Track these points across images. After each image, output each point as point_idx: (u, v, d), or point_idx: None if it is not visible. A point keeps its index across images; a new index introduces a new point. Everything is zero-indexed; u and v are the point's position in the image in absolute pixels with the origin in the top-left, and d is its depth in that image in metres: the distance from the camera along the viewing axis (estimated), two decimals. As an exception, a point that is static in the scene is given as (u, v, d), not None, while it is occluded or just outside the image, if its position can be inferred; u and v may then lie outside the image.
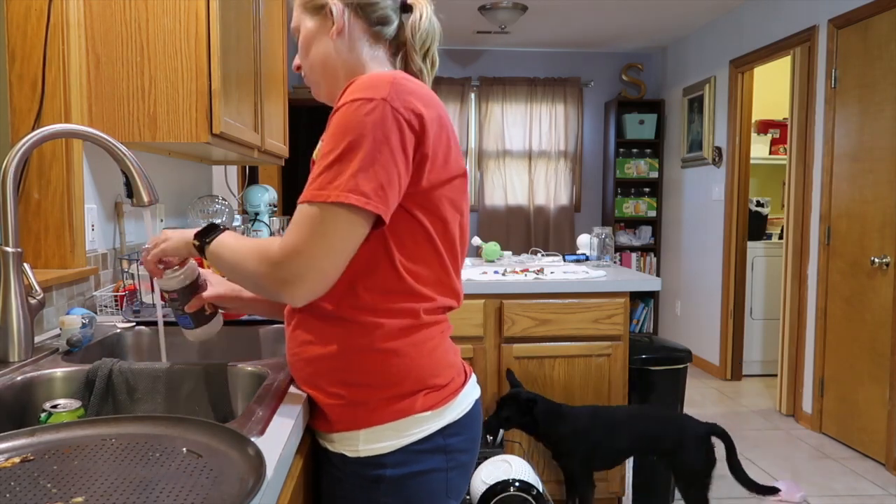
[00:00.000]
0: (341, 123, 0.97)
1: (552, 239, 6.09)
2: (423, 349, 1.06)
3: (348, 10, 1.12)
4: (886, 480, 3.18)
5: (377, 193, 0.95)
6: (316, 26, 1.14)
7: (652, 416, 2.44)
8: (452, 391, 1.09)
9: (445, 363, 1.09)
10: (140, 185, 1.23)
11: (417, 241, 1.04)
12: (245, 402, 1.23)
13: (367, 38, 1.13)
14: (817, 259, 3.86)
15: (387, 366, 1.03)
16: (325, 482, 1.11)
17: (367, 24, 1.13)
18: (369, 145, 0.95)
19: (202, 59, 1.70)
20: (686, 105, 5.49)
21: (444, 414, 1.07)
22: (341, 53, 1.13)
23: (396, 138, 0.96)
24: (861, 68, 3.51)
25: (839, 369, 3.67)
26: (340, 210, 0.94)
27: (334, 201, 0.94)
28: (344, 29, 1.12)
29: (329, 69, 1.14)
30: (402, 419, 1.04)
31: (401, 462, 1.04)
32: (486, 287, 2.59)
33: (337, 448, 1.07)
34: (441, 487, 1.08)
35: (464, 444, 1.10)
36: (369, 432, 1.04)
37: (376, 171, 0.95)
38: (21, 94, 1.62)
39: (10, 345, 1.26)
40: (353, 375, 1.04)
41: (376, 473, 1.04)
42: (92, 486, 0.73)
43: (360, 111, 0.96)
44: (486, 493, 2.19)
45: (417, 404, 1.04)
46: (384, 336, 1.03)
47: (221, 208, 2.44)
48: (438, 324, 1.09)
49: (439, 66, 1.20)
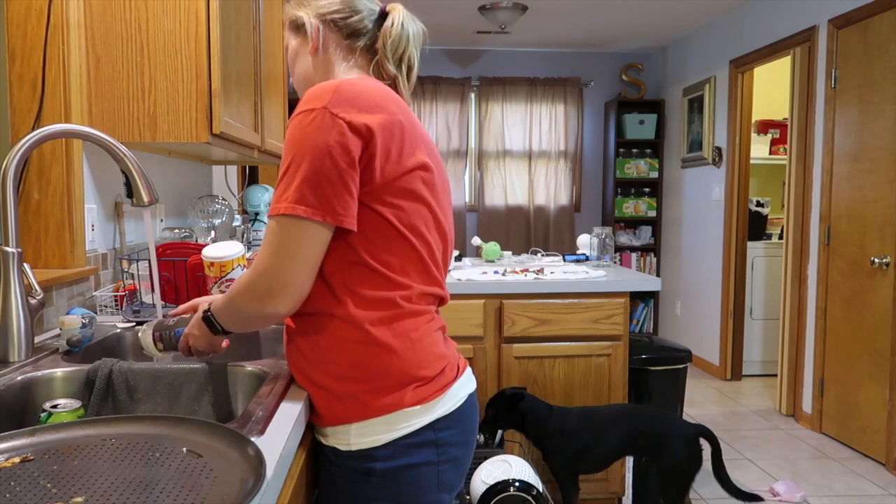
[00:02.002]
0: (288, 138, 1.03)
1: (552, 239, 6.09)
2: (406, 340, 1.07)
3: (323, 26, 1.18)
4: (886, 480, 3.18)
5: (321, 202, 1.00)
6: (298, 44, 1.21)
7: (639, 416, 2.44)
8: (443, 385, 1.10)
9: (433, 354, 1.10)
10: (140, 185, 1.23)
11: (381, 232, 1.06)
12: (245, 402, 1.23)
13: (341, 52, 1.19)
14: (817, 259, 3.86)
15: (370, 357, 1.05)
16: (321, 475, 1.13)
17: (341, 38, 1.18)
18: (311, 155, 1.00)
19: (202, 59, 1.70)
20: (686, 105, 5.49)
21: (435, 408, 1.08)
22: (318, 69, 1.20)
23: (337, 143, 1.00)
24: (861, 68, 3.51)
25: (839, 369, 3.67)
26: (292, 221, 1.00)
27: (284, 213, 1.00)
28: (319, 46, 1.18)
29: (308, 82, 1.21)
30: (392, 413, 1.05)
31: (391, 455, 1.06)
32: (486, 287, 2.59)
33: (330, 442, 1.09)
34: (432, 481, 1.10)
35: (456, 437, 1.11)
36: (360, 426, 1.06)
37: (320, 181, 1.00)
38: (21, 94, 1.62)
39: (10, 345, 1.26)
40: (339, 368, 1.06)
41: (367, 466, 1.06)
42: (92, 486, 0.73)
43: (303, 123, 1.01)
44: (486, 493, 2.19)
45: (407, 398, 1.06)
46: (365, 327, 1.05)
47: (221, 208, 2.44)
48: (422, 314, 1.11)
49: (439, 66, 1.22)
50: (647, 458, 2.48)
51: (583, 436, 2.37)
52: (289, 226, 1.00)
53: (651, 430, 2.38)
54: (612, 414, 2.44)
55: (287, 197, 1.00)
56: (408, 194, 1.08)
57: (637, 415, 2.45)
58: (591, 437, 2.37)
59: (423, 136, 1.13)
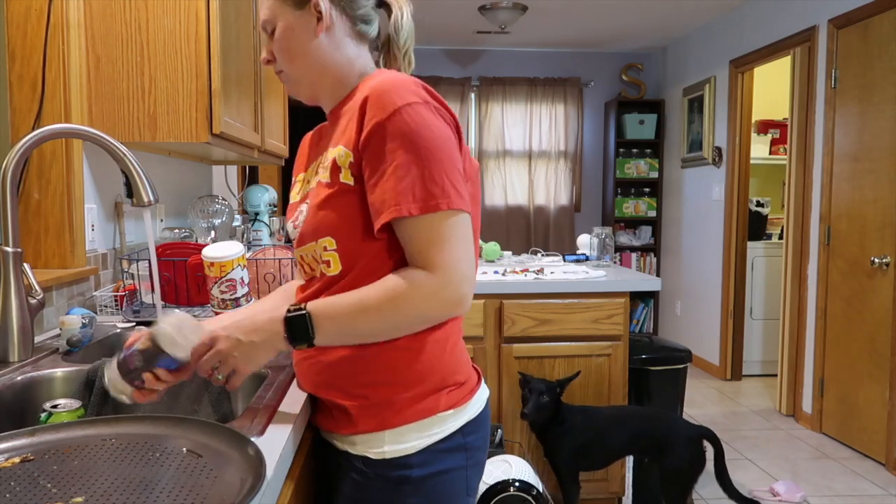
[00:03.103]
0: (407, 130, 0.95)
1: (552, 239, 6.09)
2: (444, 346, 1.05)
3: (334, 7, 1.08)
4: (886, 480, 3.18)
5: (462, 195, 0.98)
6: (298, 22, 1.07)
7: (643, 417, 2.44)
8: (471, 389, 1.09)
9: (464, 360, 1.10)
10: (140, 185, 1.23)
11: None
12: (245, 402, 1.23)
13: (352, 37, 1.10)
14: (817, 259, 3.86)
15: (410, 363, 1.02)
16: (347, 486, 1.06)
17: (352, 23, 1.09)
18: (445, 148, 0.97)
19: (202, 59, 1.70)
20: (686, 105, 5.49)
21: (465, 412, 1.07)
22: (327, 52, 1.08)
23: (454, 138, 1.00)
24: (861, 68, 3.51)
25: (839, 369, 3.67)
26: (459, 217, 0.97)
27: (451, 208, 0.96)
28: (332, 27, 1.08)
29: (315, 68, 1.09)
30: (426, 418, 1.03)
31: (426, 462, 1.03)
32: (486, 287, 2.59)
33: (359, 450, 1.04)
34: (462, 486, 1.08)
35: (480, 441, 1.10)
36: (394, 433, 1.02)
37: (456, 174, 0.98)
38: (21, 94, 1.62)
39: (10, 345, 1.26)
40: (378, 375, 1.02)
41: (402, 474, 1.02)
42: (92, 486, 0.73)
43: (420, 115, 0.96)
44: (486, 493, 2.19)
45: (441, 402, 1.04)
46: (411, 335, 1.02)
47: (221, 208, 2.44)
48: (455, 321, 1.09)
49: (439, 66, 1.20)
50: (650, 458, 2.48)
51: (587, 434, 2.38)
52: (456, 220, 0.96)
53: (654, 431, 2.38)
54: (615, 414, 2.45)
55: (437, 192, 0.95)
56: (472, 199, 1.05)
57: (640, 416, 2.45)
58: (594, 436, 2.38)
59: None
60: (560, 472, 2.40)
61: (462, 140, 1.04)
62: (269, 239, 2.86)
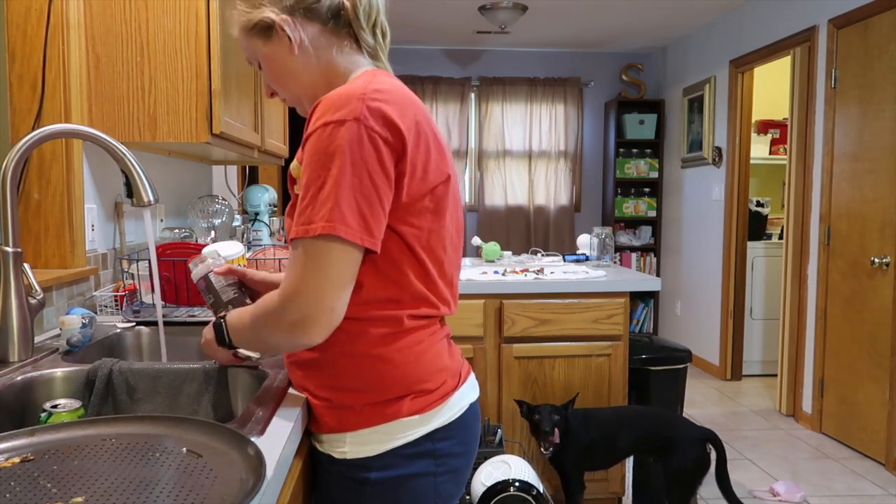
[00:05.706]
0: (318, 150, 0.94)
1: (552, 239, 6.09)
2: (408, 354, 1.04)
3: (297, 18, 1.05)
4: (886, 480, 3.18)
5: (360, 224, 0.93)
6: (274, 49, 1.07)
7: (648, 418, 2.45)
8: (442, 395, 1.07)
9: (435, 368, 1.07)
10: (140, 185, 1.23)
11: (398, 252, 1.02)
12: (245, 402, 1.23)
13: (326, 38, 1.07)
14: (817, 259, 3.86)
15: (373, 371, 1.03)
16: (318, 481, 1.11)
17: (321, 24, 1.06)
18: (349, 171, 0.92)
19: (202, 59, 1.70)
20: (686, 105, 5.49)
21: (433, 418, 1.05)
22: (309, 66, 1.08)
23: (374, 159, 0.94)
24: (861, 68, 3.51)
25: (839, 369, 3.67)
26: (331, 243, 0.93)
27: (322, 234, 0.92)
28: (302, 41, 1.06)
29: (305, 83, 1.09)
30: (388, 423, 1.03)
31: (386, 465, 1.03)
32: (486, 287, 2.59)
33: (325, 449, 1.07)
34: (430, 492, 1.07)
35: (456, 447, 1.08)
36: (355, 435, 1.04)
37: (359, 200, 0.93)
38: (21, 94, 1.62)
39: (10, 345, 1.26)
40: (340, 381, 1.04)
41: (362, 476, 1.04)
42: (92, 486, 0.73)
43: (335, 136, 0.93)
44: (486, 493, 2.19)
45: (404, 408, 1.03)
46: (369, 343, 1.02)
47: (221, 208, 2.44)
48: (425, 328, 1.07)
49: (439, 66, 1.19)
50: (655, 459, 2.49)
51: (591, 437, 2.38)
52: (327, 247, 0.93)
53: (659, 432, 2.38)
54: (620, 415, 2.45)
55: (323, 216, 0.92)
56: (429, 212, 1.03)
57: (646, 416, 2.45)
58: (599, 438, 2.38)
59: (441, 142, 1.07)
60: (567, 474, 2.40)
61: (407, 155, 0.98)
62: (269, 239, 2.86)
